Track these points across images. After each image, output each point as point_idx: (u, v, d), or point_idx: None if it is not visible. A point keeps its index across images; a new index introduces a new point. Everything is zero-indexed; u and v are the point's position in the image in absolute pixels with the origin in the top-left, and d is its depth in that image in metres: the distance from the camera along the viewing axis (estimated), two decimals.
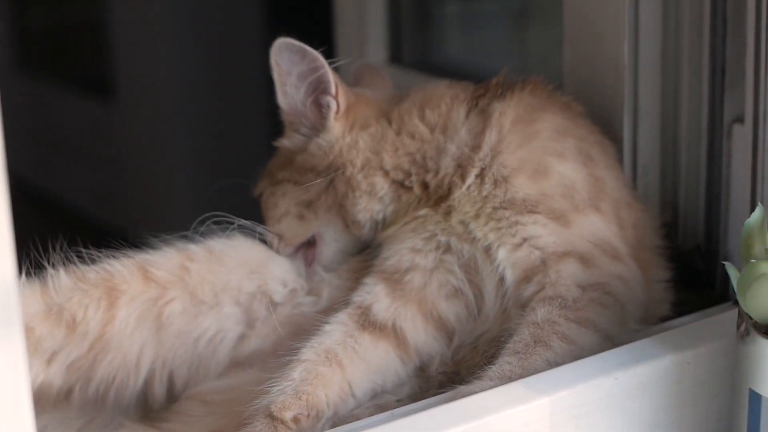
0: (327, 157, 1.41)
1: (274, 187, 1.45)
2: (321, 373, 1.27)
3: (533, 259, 1.31)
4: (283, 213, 1.44)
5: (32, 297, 1.32)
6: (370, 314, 1.33)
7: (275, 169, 1.46)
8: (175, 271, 1.36)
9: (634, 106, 1.53)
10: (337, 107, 1.41)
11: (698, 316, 1.38)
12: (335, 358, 1.28)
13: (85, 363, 1.33)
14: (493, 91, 1.42)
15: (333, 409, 1.27)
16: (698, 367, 1.27)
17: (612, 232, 1.34)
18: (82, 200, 4.25)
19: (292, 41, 1.37)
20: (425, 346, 1.34)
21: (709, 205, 1.52)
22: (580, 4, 1.57)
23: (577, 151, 1.37)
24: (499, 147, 1.36)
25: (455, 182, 1.36)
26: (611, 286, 1.29)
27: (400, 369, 1.33)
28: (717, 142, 1.50)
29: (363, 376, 1.30)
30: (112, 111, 3.99)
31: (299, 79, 1.40)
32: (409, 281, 1.35)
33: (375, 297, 1.34)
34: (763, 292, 1.15)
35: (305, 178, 1.42)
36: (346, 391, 1.28)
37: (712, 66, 1.48)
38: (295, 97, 1.41)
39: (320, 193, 1.42)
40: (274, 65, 1.40)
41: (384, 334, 1.32)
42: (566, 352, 1.23)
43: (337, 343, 1.30)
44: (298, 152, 1.44)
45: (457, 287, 1.35)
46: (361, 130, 1.41)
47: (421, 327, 1.34)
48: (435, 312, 1.34)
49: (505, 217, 1.33)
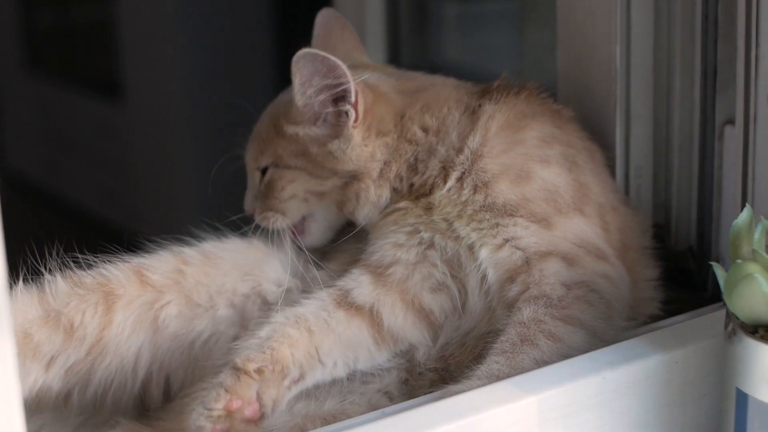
0: (350, 163, 1.42)
1: (281, 170, 1.46)
2: (288, 333, 1.30)
3: (515, 260, 1.33)
4: (290, 196, 1.45)
5: (30, 303, 1.34)
6: (350, 296, 1.36)
7: (284, 153, 1.45)
8: (170, 274, 1.38)
9: (626, 109, 1.54)
10: (356, 116, 1.41)
11: (687, 316, 1.39)
12: (305, 324, 1.32)
13: (84, 367, 1.35)
14: (487, 94, 1.43)
15: (299, 370, 1.30)
16: (687, 366, 1.28)
17: (596, 234, 1.35)
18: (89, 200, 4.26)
19: (316, 51, 1.36)
20: (402, 331, 1.36)
21: (701, 206, 1.54)
22: (573, 7, 1.58)
23: (563, 158, 1.39)
24: (480, 150, 1.37)
25: (437, 183, 1.38)
26: (596, 284, 1.30)
27: (373, 348, 1.35)
28: (709, 144, 1.51)
29: (331, 345, 1.33)
30: (119, 111, 4.00)
31: (321, 88, 1.39)
32: (392, 273, 1.37)
33: (358, 283, 1.37)
34: (748, 293, 1.16)
35: (321, 172, 1.44)
36: (313, 355, 1.31)
37: (704, 68, 1.50)
38: (313, 100, 1.41)
39: (333, 190, 1.44)
40: (296, 72, 1.38)
41: (359, 313, 1.35)
42: (554, 351, 1.24)
43: (309, 312, 1.34)
44: (314, 144, 1.44)
45: (441, 281, 1.37)
46: (378, 137, 1.42)
47: (400, 313, 1.36)
48: (417, 302, 1.37)
49: (485, 219, 1.35)
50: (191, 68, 3.65)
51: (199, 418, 1.24)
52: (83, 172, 4.31)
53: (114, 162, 4.10)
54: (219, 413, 1.23)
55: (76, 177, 4.37)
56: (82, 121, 4.27)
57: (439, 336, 1.37)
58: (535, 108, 1.43)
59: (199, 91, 3.66)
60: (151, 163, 3.89)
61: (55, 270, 1.36)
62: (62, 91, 4.37)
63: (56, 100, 4.42)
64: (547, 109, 1.45)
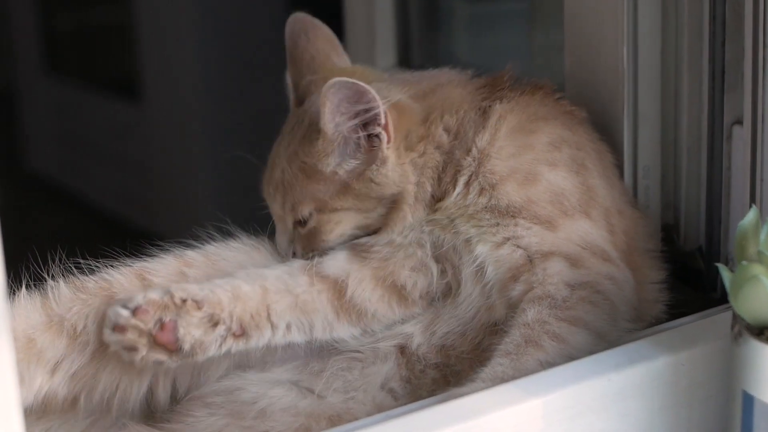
0: (393, 186, 1.40)
1: (327, 214, 1.42)
2: (238, 285, 1.32)
3: (516, 258, 1.33)
4: (338, 236, 1.43)
5: (33, 309, 1.34)
6: (320, 267, 1.37)
7: (326, 197, 1.41)
8: (172, 277, 1.38)
9: (634, 110, 1.54)
10: (388, 138, 1.39)
11: (694, 317, 1.39)
12: (261, 282, 1.33)
13: (89, 372, 1.35)
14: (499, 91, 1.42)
15: (239, 324, 1.31)
16: (693, 368, 1.28)
17: (602, 236, 1.35)
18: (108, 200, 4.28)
19: (347, 80, 1.33)
20: (366, 303, 1.37)
21: (709, 207, 1.53)
22: (580, 9, 1.58)
23: (571, 160, 1.38)
24: (488, 150, 1.37)
25: (449, 190, 1.38)
26: (601, 286, 1.30)
27: (331, 316, 1.36)
28: (717, 145, 1.51)
29: (285, 307, 1.34)
30: (138, 113, 4.02)
31: (351, 114, 1.37)
32: (377, 251, 1.38)
33: (332, 257, 1.38)
34: (754, 294, 1.15)
35: (367, 204, 1.41)
36: (263, 314, 1.33)
37: (712, 69, 1.49)
38: (344, 128, 1.38)
39: (378, 220, 1.42)
40: (327, 102, 1.34)
41: (323, 281, 1.36)
42: (558, 352, 1.24)
43: (271, 273, 1.35)
44: (353, 178, 1.40)
45: (423, 261, 1.38)
46: (407, 152, 1.40)
47: (368, 287, 1.37)
48: (390, 279, 1.37)
49: (485, 218, 1.35)
50: (209, 70, 3.66)
51: (111, 308, 1.28)
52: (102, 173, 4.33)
53: (133, 163, 4.12)
54: (127, 316, 1.27)
55: (95, 178, 4.39)
56: (101, 122, 4.29)
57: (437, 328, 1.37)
58: (548, 109, 1.43)
59: (216, 93, 3.68)
60: (170, 164, 3.91)
61: (58, 275, 1.36)
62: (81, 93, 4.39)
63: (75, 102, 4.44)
64: (560, 111, 1.44)
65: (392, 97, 1.40)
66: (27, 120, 4.81)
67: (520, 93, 1.43)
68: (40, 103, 4.67)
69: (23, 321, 1.32)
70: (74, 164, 4.52)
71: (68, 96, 4.48)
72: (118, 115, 4.16)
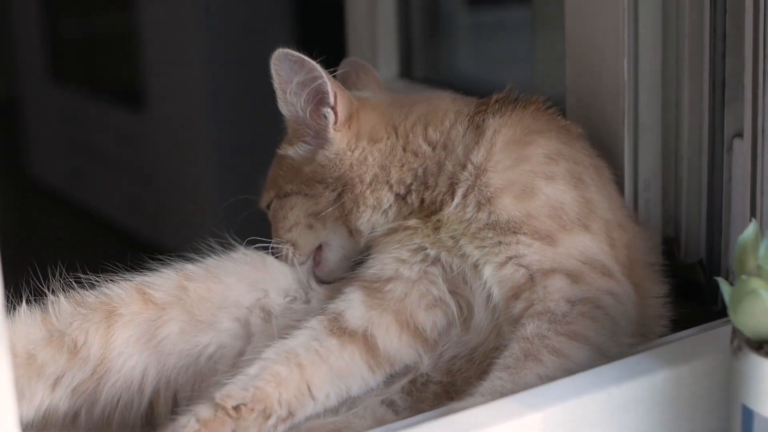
0: (336, 170, 1.43)
1: (282, 200, 1.47)
2: (277, 371, 1.29)
3: (519, 277, 1.32)
4: (293, 224, 1.46)
5: (33, 324, 1.35)
6: (342, 320, 1.35)
7: (282, 182, 1.48)
8: (173, 291, 1.39)
9: (634, 122, 1.54)
10: (335, 118, 1.43)
11: (694, 330, 1.39)
12: (295, 359, 1.30)
13: (89, 386, 1.36)
14: (492, 107, 1.43)
15: (287, 409, 1.28)
16: (694, 382, 1.27)
17: (602, 250, 1.35)
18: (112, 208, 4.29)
19: (290, 51, 1.39)
20: (398, 354, 1.36)
21: (710, 219, 1.53)
22: (581, 20, 1.58)
23: (569, 174, 1.38)
24: (485, 165, 1.37)
25: (446, 200, 1.38)
26: (601, 301, 1.30)
27: (366, 375, 1.34)
28: (717, 157, 1.51)
29: (324, 378, 1.31)
30: (142, 121, 4.03)
31: (299, 88, 1.42)
32: (390, 290, 1.37)
33: (349, 304, 1.36)
34: (754, 308, 1.15)
35: (314, 190, 1.45)
36: (304, 392, 1.30)
37: (712, 81, 1.49)
38: (296, 106, 1.44)
39: (329, 205, 1.44)
40: (275, 74, 1.42)
41: (353, 339, 1.34)
42: (557, 366, 1.24)
43: (300, 345, 1.32)
44: (305, 163, 1.46)
45: (438, 297, 1.37)
46: (370, 144, 1.43)
47: (395, 335, 1.36)
48: (411, 322, 1.36)
49: (488, 237, 1.34)
50: (213, 78, 3.67)
51: None
52: (106, 181, 4.34)
53: (137, 171, 4.13)
54: None
55: (100, 186, 4.40)
56: (105, 130, 4.30)
57: (435, 350, 1.37)
58: (542, 124, 1.43)
59: (221, 101, 3.69)
60: (174, 172, 3.92)
61: (58, 290, 1.37)
62: (85, 101, 4.41)
63: (80, 110, 4.46)
64: (555, 125, 1.45)
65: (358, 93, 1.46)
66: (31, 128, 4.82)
67: (513, 108, 1.43)
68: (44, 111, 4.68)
69: (23, 337, 1.33)
70: (77, 172, 4.53)
71: (72, 104, 4.49)
72: (122, 124, 4.17)
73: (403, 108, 1.46)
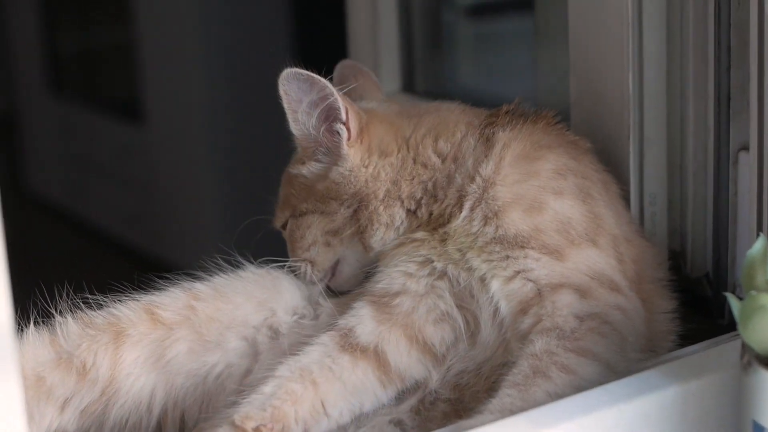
0: (351, 186, 1.43)
1: (298, 219, 1.47)
2: (292, 389, 1.29)
3: (527, 291, 1.32)
4: (312, 242, 1.46)
5: (41, 346, 1.35)
6: (352, 336, 1.35)
7: (296, 201, 1.48)
8: (181, 311, 1.39)
9: (639, 136, 1.54)
10: (348, 134, 1.42)
11: (703, 345, 1.38)
12: (309, 376, 1.31)
13: (98, 408, 1.35)
14: (502, 119, 1.43)
15: (302, 427, 1.28)
16: (703, 398, 1.27)
17: (610, 265, 1.35)
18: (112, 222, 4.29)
19: (299, 70, 1.38)
20: (408, 369, 1.35)
21: (716, 233, 1.53)
22: (585, 34, 1.58)
23: (577, 189, 1.38)
24: (493, 178, 1.37)
25: (454, 213, 1.38)
26: (610, 316, 1.29)
27: (379, 391, 1.34)
28: (723, 170, 1.50)
29: (338, 395, 1.31)
30: (142, 134, 4.03)
31: (310, 107, 1.41)
32: (398, 305, 1.37)
33: (359, 320, 1.36)
34: (763, 324, 1.15)
35: (330, 207, 1.44)
36: (319, 409, 1.30)
37: (717, 95, 1.49)
38: (308, 125, 1.43)
39: (345, 222, 1.44)
40: (283, 94, 1.41)
41: (365, 356, 1.34)
42: (566, 383, 1.23)
43: (313, 361, 1.32)
44: (319, 180, 1.45)
45: (446, 311, 1.37)
46: (381, 159, 1.43)
47: (404, 350, 1.35)
48: (420, 336, 1.36)
49: (495, 251, 1.34)
50: (213, 91, 3.67)
51: None
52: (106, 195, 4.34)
53: (137, 184, 4.12)
54: None
55: (99, 199, 4.39)
56: (104, 143, 4.29)
57: (443, 364, 1.36)
58: (551, 138, 1.43)
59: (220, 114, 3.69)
60: (174, 185, 3.91)
61: (66, 311, 1.36)
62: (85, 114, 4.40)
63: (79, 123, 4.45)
64: (564, 140, 1.45)
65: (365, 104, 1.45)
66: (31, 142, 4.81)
67: (523, 121, 1.43)
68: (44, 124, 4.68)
69: (32, 359, 1.32)
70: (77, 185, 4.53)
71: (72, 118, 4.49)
72: (122, 137, 4.16)
73: (412, 119, 1.46)
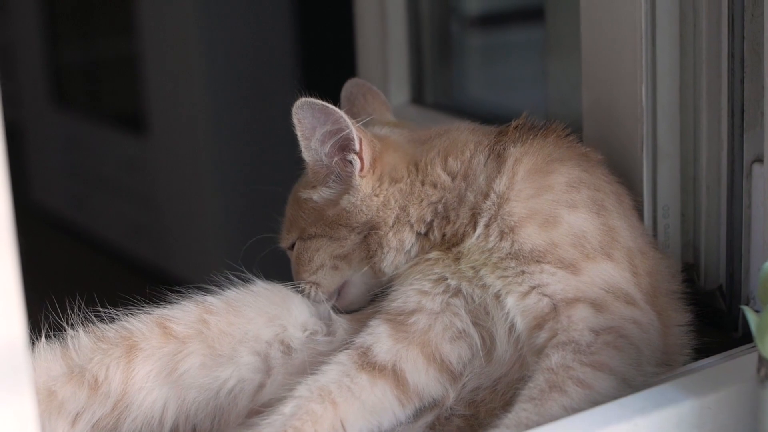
0: (363, 215, 1.43)
1: (306, 242, 1.46)
2: (312, 409, 1.29)
3: (542, 306, 1.31)
4: (319, 266, 1.46)
5: (53, 360, 1.34)
6: (370, 355, 1.34)
7: (304, 224, 1.47)
8: (193, 324, 1.38)
9: (653, 148, 1.53)
10: (361, 165, 1.42)
11: (718, 358, 1.37)
12: (329, 396, 1.30)
13: (110, 422, 1.35)
14: (511, 135, 1.42)
15: None
16: (719, 411, 1.26)
17: (625, 278, 1.34)
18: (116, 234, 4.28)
19: (314, 100, 1.37)
20: (426, 388, 1.35)
21: (730, 245, 1.52)
22: (598, 46, 1.57)
23: (591, 202, 1.37)
24: (507, 194, 1.36)
25: (467, 232, 1.38)
26: (625, 330, 1.28)
27: (397, 410, 1.34)
28: (737, 183, 1.49)
29: (357, 415, 1.31)
30: (145, 146, 4.02)
31: (324, 137, 1.40)
32: (414, 323, 1.36)
33: (376, 338, 1.36)
34: None
35: (339, 233, 1.44)
36: (338, 429, 1.29)
37: (731, 107, 1.48)
38: (320, 153, 1.42)
39: (354, 248, 1.44)
40: (297, 122, 1.40)
41: (383, 374, 1.33)
42: (582, 397, 1.22)
43: (332, 381, 1.32)
44: (328, 206, 1.45)
45: (462, 329, 1.36)
46: (392, 185, 1.42)
47: (422, 369, 1.35)
48: (437, 355, 1.35)
49: (510, 267, 1.34)
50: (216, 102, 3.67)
51: None
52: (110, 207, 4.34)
53: (140, 196, 4.12)
54: None
55: (103, 211, 4.39)
56: (108, 156, 4.29)
57: (459, 382, 1.35)
58: (563, 151, 1.42)
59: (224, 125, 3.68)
60: (178, 197, 3.91)
61: (77, 324, 1.35)
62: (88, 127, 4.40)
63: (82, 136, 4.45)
64: (575, 153, 1.44)
65: (377, 130, 1.44)
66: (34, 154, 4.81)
67: (534, 136, 1.42)
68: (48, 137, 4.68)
69: (44, 373, 1.32)
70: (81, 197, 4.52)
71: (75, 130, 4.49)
72: (126, 149, 4.16)
73: (423, 144, 1.46)
